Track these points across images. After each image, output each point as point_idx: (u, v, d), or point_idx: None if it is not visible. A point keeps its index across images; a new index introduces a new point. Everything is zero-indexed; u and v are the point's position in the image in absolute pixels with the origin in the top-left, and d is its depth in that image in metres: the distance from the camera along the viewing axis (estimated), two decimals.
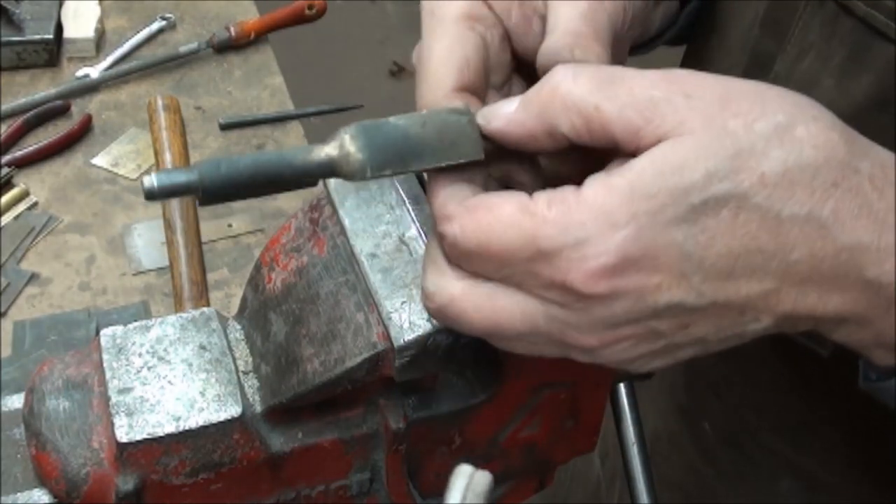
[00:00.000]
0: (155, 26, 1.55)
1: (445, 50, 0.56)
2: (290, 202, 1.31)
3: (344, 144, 0.52)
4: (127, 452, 0.58)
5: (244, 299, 0.66)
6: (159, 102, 1.37)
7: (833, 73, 0.72)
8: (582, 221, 0.48)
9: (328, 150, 0.52)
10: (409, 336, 0.56)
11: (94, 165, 1.35)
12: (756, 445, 0.91)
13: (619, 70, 0.51)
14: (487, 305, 0.52)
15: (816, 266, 0.49)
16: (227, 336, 0.64)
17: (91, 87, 1.46)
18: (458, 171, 0.53)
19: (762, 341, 0.54)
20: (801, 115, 0.49)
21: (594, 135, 0.50)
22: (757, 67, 0.80)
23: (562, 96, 0.50)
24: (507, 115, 0.51)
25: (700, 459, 0.96)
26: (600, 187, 0.48)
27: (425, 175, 0.63)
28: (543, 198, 0.49)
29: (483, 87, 0.57)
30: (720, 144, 0.48)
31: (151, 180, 0.49)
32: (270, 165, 0.51)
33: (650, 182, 0.47)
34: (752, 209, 0.48)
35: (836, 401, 0.81)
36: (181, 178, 0.50)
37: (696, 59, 0.90)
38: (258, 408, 0.62)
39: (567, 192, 0.49)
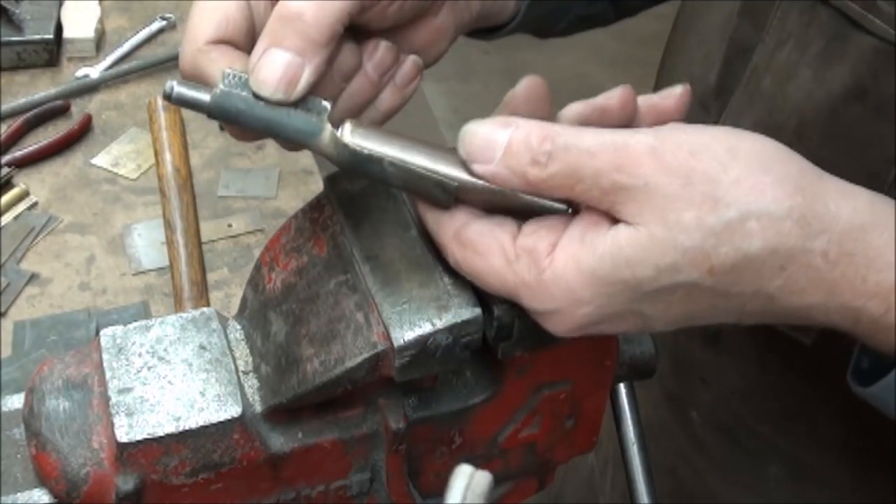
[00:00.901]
0: (155, 26, 1.55)
1: (207, 9, 0.60)
2: (290, 202, 1.31)
3: (339, 146, 0.56)
4: (127, 452, 0.58)
5: (244, 299, 0.66)
6: (159, 102, 1.37)
7: (811, 63, 0.73)
8: (553, 296, 0.53)
9: (326, 144, 0.56)
10: (409, 336, 0.56)
11: (94, 165, 1.35)
12: (743, 433, 0.92)
13: (584, 147, 0.52)
14: None
15: (769, 314, 0.54)
16: (227, 336, 0.64)
17: (91, 87, 1.46)
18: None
19: (746, 331, 0.56)
20: (756, 205, 0.51)
21: (573, 201, 0.55)
22: (736, 57, 0.80)
23: (537, 184, 0.54)
24: (489, 169, 0.54)
25: (689, 447, 0.97)
26: (571, 263, 0.53)
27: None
28: (524, 258, 0.54)
29: (245, 42, 0.60)
30: (671, 242, 0.51)
31: (172, 85, 0.55)
32: (274, 128, 0.56)
33: (609, 272, 0.52)
34: (702, 290, 0.53)
35: (821, 388, 0.81)
36: (197, 96, 0.56)
37: (676, 50, 0.90)
38: (258, 408, 0.62)
39: (543, 255, 0.54)
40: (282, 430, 0.62)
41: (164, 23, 1.56)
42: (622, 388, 0.76)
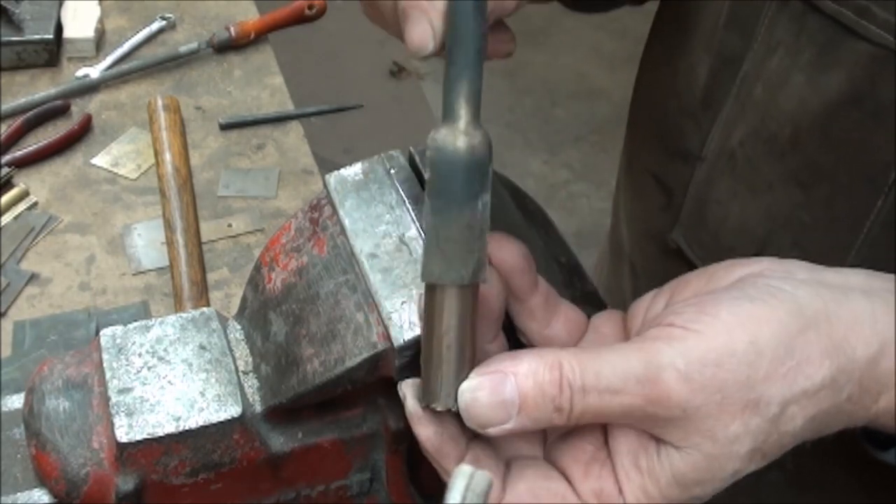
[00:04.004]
0: (155, 26, 1.55)
1: None
2: (290, 202, 1.31)
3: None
4: (127, 452, 0.58)
5: (244, 299, 0.66)
6: (159, 102, 1.37)
7: (804, 69, 0.72)
8: None
9: None
10: (409, 336, 0.56)
11: (94, 165, 1.35)
12: None
13: (604, 387, 0.51)
14: None
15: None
16: (227, 336, 0.64)
17: (91, 87, 1.45)
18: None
19: None
20: (791, 391, 0.52)
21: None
22: (723, 68, 0.80)
23: (561, 427, 0.53)
24: (508, 428, 0.51)
25: None
26: (642, 497, 0.52)
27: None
28: None
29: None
30: (728, 455, 0.52)
31: None
32: None
33: (678, 495, 0.52)
34: (749, 469, 0.54)
35: None
36: None
37: (661, 59, 0.90)
38: (258, 408, 0.62)
39: (615, 498, 0.53)
40: (282, 430, 0.62)
41: (164, 23, 1.56)
42: None
